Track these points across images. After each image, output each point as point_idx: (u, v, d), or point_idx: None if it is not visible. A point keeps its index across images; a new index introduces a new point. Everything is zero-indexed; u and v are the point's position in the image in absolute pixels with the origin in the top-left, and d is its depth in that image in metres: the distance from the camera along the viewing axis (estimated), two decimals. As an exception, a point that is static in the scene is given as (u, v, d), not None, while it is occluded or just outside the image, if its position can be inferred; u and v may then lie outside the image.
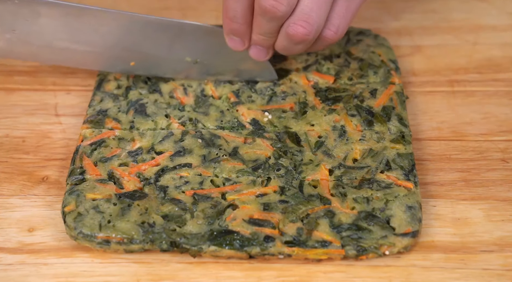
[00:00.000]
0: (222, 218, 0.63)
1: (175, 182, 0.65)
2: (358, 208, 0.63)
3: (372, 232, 0.62)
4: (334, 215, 0.63)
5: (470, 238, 0.64)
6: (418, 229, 0.62)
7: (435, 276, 0.62)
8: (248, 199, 0.64)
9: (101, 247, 0.62)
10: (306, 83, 0.73)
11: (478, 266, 0.62)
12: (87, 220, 0.62)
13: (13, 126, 0.74)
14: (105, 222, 0.62)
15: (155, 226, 0.62)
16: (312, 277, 0.62)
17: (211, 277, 0.62)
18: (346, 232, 0.62)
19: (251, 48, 0.71)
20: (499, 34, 0.84)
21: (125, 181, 0.65)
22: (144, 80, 0.74)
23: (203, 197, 0.64)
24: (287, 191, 0.65)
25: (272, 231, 0.62)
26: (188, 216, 0.63)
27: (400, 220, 0.63)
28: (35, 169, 0.70)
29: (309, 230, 0.62)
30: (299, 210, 0.63)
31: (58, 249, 0.63)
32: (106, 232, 0.62)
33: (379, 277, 0.62)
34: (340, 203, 0.64)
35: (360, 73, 0.75)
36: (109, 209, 0.63)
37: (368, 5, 0.85)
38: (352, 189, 0.65)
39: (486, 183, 0.69)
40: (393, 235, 0.62)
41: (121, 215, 0.63)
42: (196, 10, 0.87)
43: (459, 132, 0.73)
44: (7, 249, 0.64)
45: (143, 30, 0.72)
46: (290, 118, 0.70)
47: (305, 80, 0.74)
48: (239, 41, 0.70)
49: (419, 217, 0.63)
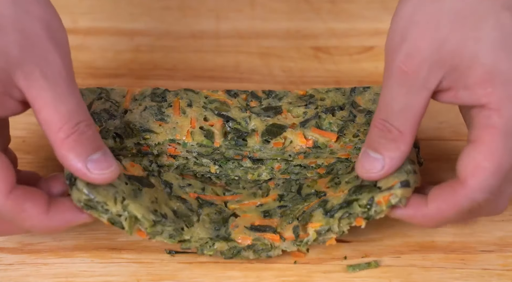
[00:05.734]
0: (227, 225, 0.62)
1: (178, 181, 0.65)
2: (349, 187, 0.62)
3: (359, 199, 0.60)
4: (327, 203, 0.62)
5: (470, 238, 0.64)
6: (407, 179, 0.59)
7: (435, 276, 0.62)
8: (249, 209, 0.64)
9: (106, 216, 0.58)
10: (304, 142, 0.65)
11: (478, 266, 0.62)
12: (101, 189, 0.58)
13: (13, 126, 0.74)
14: (120, 198, 0.59)
15: (167, 218, 0.61)
16: (312, 277, 0.62)
17: (211, 277, 0.62)
18: (338, 213, 0.60)
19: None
20: (499, 34, 0.84)
21: (129, 165, 0.63)
22: None
23: (207, 202, 0.64)
24: (286, 196, 0.65)
25: (273, 236, 0.62)
26: (195, 218, 0.62)
27: (386, 178, 0.59)
28: (35, 169, 0.70)
29: (304, 225, 0.61)
30: (295, 210, 0.63)
31: (58, 249, 0.63)
32: (118, 208, 0.58)
33: (379, 277, 0.62)
34: (334, 191, 0.63)
35: (367, 129, 0.64)
36: (121, 185, 0.60)
37: (368, 5, 0.85)
38: (345, 175, 0.64)
39: (486, 183, 0.69)
40: (379, 193, 0.59)
41: (134, 196, 0.60)
42: (196, 10, 0.87)
43: (459, 132, 0.73)
44: (7, 249, 0.64)
45: None
46: None
47: (302, 139, 0.66)
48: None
49: (406, 168, 0.59)
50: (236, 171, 0.67)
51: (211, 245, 0.61)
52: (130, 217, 0.59)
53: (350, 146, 0.64)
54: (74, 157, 0.56)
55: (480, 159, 0.55)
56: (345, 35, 0.82)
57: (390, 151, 0.58)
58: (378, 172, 0.58)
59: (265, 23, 0.85)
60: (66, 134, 0.55)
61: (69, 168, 0.56)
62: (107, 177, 0.57)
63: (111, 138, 0.64)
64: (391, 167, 0.58)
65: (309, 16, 0.85)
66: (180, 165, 0.66)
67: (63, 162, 0.56)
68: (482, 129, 0.55)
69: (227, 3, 0.86)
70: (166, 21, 0.85)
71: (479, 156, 0.55)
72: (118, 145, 0.65)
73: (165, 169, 0.66)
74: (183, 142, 0.65)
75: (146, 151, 0.66)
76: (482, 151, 0.55)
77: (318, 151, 0.65)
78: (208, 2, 0.87)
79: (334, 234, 0.61)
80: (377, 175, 0.59)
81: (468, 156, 0.56)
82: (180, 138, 0.65)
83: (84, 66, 0.78)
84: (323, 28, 0.84)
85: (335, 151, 0.65)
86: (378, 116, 0.58)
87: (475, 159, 0.55)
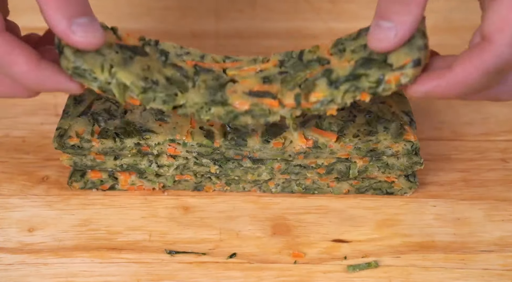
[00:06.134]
0: (223, 91, 0.60)
1: (176, 50, 0.63)
2: (356, 58, 0.59)
3: (368, 75, 0.57)
4: (331, 72, 0.59)
5: (470, 238, 0.64)
6: (419, 57, 0.56)
7: (435, 276, 0.62)
8: (248, 74, 0.62)
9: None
10: (304, 142, 0.65)
11: (478, 266, 0.62)
12: (88, 57, 0.57)
13: (13, 126, 0.74)
14: (108, 66, 0.58)
15: (158, 84, 0.59)
16: (312, 277, 0.62)
17: (211, 277, 0.62)
18: (343, 85, 0.58)
19: None
20: (499, 34, 0.84)
21: (124, 35, 0.62)
22: None
23: (204, 69, 0.62)
24: (287, 62, 0.63)
25: (271, 102, 0.60)
26: (190, 84, 0.60)
27: (397, 54, 0.57)
28: (35, 169, 0.70)
29: (306, 94, 0.59)
30: (297, 77, 0.61)
31: (58, 249, 0.63)
32: (106, 76, 0.58)
33: (379, 276, 0.62)
34: (338, 59, 0.60)
35: (367, 129, 0.65)
36: (111, 54, 0.58)
37: (368, 5, 0.85)
38: (350, 41, 0.61)
39: (486, 183, 0.69)
40: (390, 71, 0.57)
41: (124, 64, 0.59)
42: (196, 10, 0.87)
43: (459, 132, 0.73)
44: (7, 249, 0.64)
45: None
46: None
47: (302, 139, 0.65)
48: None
49: (418, 44, 0.57)
50: (236, 171, 0.67)
51: (207, 110, 0.60)
52: (118, 84, 0.58)
53: (350, 146, 0.64)
54: (60, 16, 0.55)
55: (505, 13, 0.54)
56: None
57: (401, 15, 0.55)
58: (391, 40, 0.56)
59: (265, 23, 0.85)
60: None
61: (53, 28, 0.56)
62: (91, 41, 0.56)
63: (111, 138, 0.65)
64: (404, 33, 0.56)
65: (309, 16, 0.85)
66: (180, 164, 0.66)
67: (49, 22, 0.56)
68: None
69: (227, 3, 0.86)
70: (166, 21, 0.85)
71: (504, 10, 0.54)
72: (118, 145, 0.65)
73: (164, 42, 0.64)
74: (183, 141, 0.65)
75: (146, 151, 0.66)
76: (506, 4, 0.54)
77: (318, 151, 0.65)
78: (208, 2, 0.87)
79: (336, 105, 0.59)
80: (390, 44, 0.56)
81: (493, 12, 0.54)
82: (180, 139, 0.65)
83: (84, 66, 0.78)
84: (323, 28, 0.84)
85: (335, 151, 0.65)
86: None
87: (500, 14, 0.54)
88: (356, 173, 0.66)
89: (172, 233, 0.65)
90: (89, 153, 0.65)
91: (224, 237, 0.65)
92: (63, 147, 0.65)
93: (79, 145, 0.64)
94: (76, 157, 0.66)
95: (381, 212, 0.67)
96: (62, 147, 0.65)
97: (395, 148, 0.64)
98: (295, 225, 0.66)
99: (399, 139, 0.64)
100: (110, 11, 0.86)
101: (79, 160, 0.66)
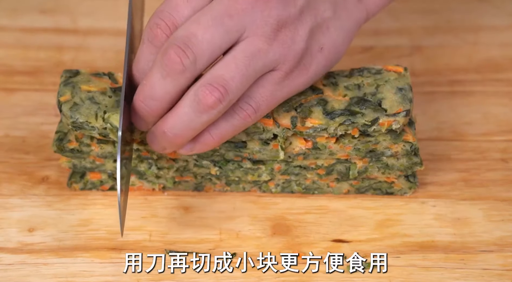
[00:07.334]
0: None
1: None
2: (350, 95, 0.64)
3: (364, 115, 0.62)
4: (326, 103, 0.63)
5: (470, 238, 0.64)
6: (409, 109, 0.63)
7: (435, 276, 0.62)
8: None
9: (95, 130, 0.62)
10: (303, 143, 0.65)
11: (478, 266, 0.62)
12: (83, 109, 0.62)
13: (13, 126, 0.74)
14: (101, 112, 0.62)
15: None
16: (312, 277, 0.62)
17: (211, 277, 0.62)
18: (339, 118, 0.62)
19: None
20: (499, 34, 0.84)
21: (119, 77, 0.65)
22: None
23: None
24: None
25: (266, 121, 0.62)
26: None
27: (391, 101, 0.63)
28: (35, 169, 0.70)
29: (303, 118, 0.63)
30: (292, 100, 0.64)
31: (58, 249, 0.63)
32: (100, 122, 0.62)
33: (379, 276, 0.62)
34: (332, 92, 0.64)
35: None
36: (105, 100, 0.63)
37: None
38: (343, 78, 0.65)
39: (486, 183, 0.69)
40: (385, 116, 0.62)
41: (117, 107, 0.62)
42: (196, 10, 0.87)
43: (459, 132, 0.73)
44: (7, 249, 0.64)
45: None
46: None
47: (301, 140, 0.65)
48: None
49: (409, 97, 0.63)
50: (236, 172, 0.67)
51: None
52: (112, 128, 0.62)
53: (349, 146, 0.64)
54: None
55: None
56: (345, 35, 0.82)
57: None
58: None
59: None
60: None
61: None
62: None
63: (111, 143, 0.64)
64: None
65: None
66: (180, 167, 0.66)
67: None
68: None
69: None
70: (166, 21, 0.84)
71: None
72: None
73: None
74: None
75: (146, 156, 0.66)
76: None
77: (318, 152, 0.65)
78: (208, 2, 0.87)
79: (328, 134, 0.63)
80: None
81: None
82: None
83: (84, 66, 0.77)
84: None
85: (334, 152, 0.65)
86: None
87: None
88: (356, 173, 0.66)
89: (172, 233, 0.65)
90: (88, 156, 0.65)
91: (224, 237, 0.65)
92: (62, 151, 0.65)
93: (78, 149, 0.64)
94: (75, 159, 0.66)
95: (381, 212, 0.67)
96: (61, 150, 0.65)
97: (394, 148, 0.64)
98: (295, 225, 0.66)
99: (398, 140, 0.64)
100: (110, 11, 0.86)
101: (78, 162, 0.66)
